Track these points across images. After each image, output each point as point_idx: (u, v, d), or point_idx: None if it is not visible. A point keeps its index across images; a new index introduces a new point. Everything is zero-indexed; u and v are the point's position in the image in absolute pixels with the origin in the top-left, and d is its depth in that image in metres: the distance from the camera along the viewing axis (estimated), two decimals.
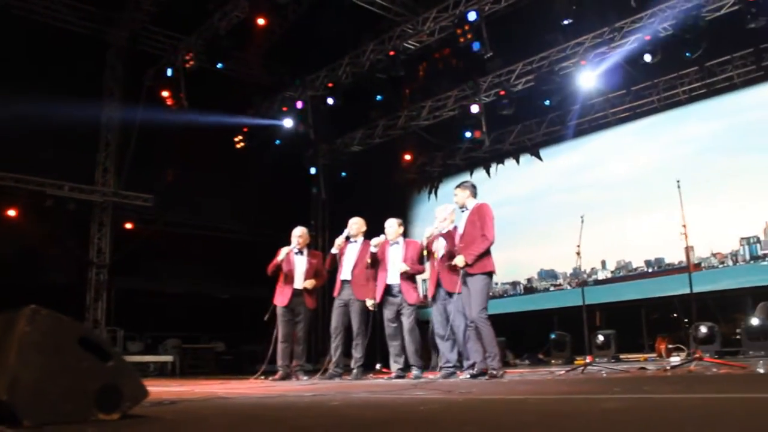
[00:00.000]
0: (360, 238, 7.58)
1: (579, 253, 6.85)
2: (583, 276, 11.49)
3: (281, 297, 7.70)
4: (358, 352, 7.35)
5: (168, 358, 12.51)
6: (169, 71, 11.89)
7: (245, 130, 13.64)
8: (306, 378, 7.56)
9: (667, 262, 10.85)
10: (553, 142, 12.99)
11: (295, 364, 7.74)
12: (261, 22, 11.52)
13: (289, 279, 7.69)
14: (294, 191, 14.61)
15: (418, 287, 7.35)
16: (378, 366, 7.66)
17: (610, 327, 10.45)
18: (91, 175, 12.89)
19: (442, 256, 6.59)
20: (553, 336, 10.76)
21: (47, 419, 2.48)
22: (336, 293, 7.51)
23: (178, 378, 10.83)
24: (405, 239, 7.33)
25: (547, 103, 11.39)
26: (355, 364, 7.33)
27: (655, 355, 10.00)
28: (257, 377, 7.91)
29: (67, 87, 11.87)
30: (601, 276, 11.80)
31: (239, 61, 13.86)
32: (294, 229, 7.91)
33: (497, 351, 6.07)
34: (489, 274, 6.08)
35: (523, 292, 12.95)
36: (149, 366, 12.23)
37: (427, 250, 6.71)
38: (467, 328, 6.25)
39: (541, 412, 2.96)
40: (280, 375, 7.59)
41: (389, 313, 7.15)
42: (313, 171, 14.83)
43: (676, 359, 8.52)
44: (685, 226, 6.39)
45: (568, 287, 12.14)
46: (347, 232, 7.56)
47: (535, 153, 13.25)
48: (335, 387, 5.71)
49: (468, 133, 11.89)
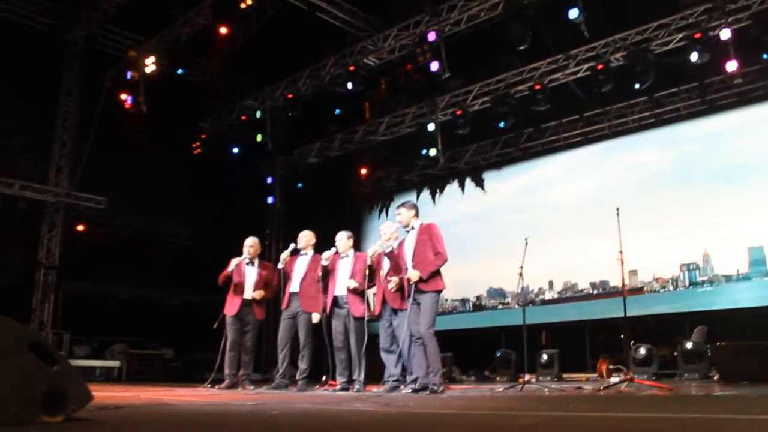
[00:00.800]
0: (310, 251, 7.65)
1: (521, 274, 7.05)
2: (530, 296, 11.75)
3: (231, 306, 7.77)
4: (304, 363, 7.40)
5: (115, 363, 12.40)
6: (128, 74, 11.86)
7: (203, 136, 13.68)
8: (252, 387, 7.61)
9: (611, 284, 11.12)
10: (506, 163, 13.26)
11: (242, 374, 7.79)
12: (223, 30, 11.59)
13: (239, 289, 7.76)
14: (250, 200, 14.58)
15: (370, 300, 7.43)
16: (324, 378, 7.72)
17: (555, 346, 10.64)
18: (44, 175, 12.64)
19: (387, 273, 6.73)
20: (498, 354, 10.95)
21: None
22: (284, 306, 7.55)
23: (124, 384, 10.74)
24: (355, 252, 7.43)
25: (502, 125, 11.70)
26: (300, 376, 7.38)
27: (596, 375, 10.26)
28: (207, 385, 7.93)
29: (23, 84, 11.74)
30: (548, 296, 12.05)
31: (200, 67, 13.88)
32: (246, 240, 7.98)
33: (440, 367, 6.22)
34: (439, 292, 6.28)
35: (472, 309, 13.13)
36: (95, 371, 12.10)
37: (372, 268, 6.85)
38: (412, 344, 6.36)
39: (461, 425, 3.11)
40: (227, 384, 7.66)
41: (338, 325, 7.25)
42: (269, 180, 14.91)
43: (615, 379, 8.76)
44: (621, 252, 6.66)
45: (516, 306, 12.39)
46: (294, 246, 7.63)
47: (479, 181, 13.51)
48: (278, 397, 5.79)
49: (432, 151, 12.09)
